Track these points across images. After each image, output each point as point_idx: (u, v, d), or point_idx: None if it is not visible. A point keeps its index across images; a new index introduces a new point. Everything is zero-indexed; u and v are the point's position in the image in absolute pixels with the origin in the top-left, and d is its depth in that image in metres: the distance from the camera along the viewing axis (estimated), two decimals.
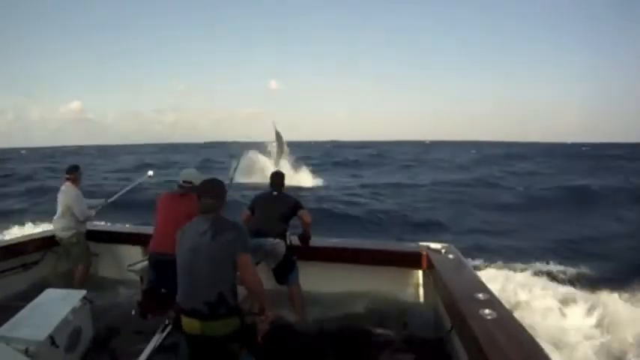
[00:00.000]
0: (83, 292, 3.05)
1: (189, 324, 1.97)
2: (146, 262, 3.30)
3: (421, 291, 3.58)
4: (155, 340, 2.71)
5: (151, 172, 5.00)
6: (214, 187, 2.17)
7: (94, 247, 4.81)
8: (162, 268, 2.86)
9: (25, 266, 4.13)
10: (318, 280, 3.77)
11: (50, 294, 2.96)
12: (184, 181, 3.06)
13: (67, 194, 4.09)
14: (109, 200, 4.62)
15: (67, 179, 4.18)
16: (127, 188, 4.80)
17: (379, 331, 3.23)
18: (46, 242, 4.45)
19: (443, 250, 3.51)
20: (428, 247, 3.60)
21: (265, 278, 2.70)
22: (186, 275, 2.01)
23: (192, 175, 3.12)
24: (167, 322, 2.89)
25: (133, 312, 2.88)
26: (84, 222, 4.21)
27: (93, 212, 4.27)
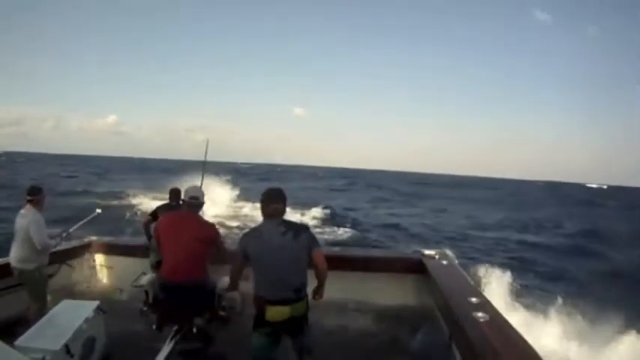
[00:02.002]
0: (97, 303, 3.14)
1: (280, 312, 2.25)
2: (149, 277, 3.38)
3: (417, 296, 3.58)
4: (166, 349, 2.79)
5: (99, 210, 4.76)
6: (281, 194, 2.46)
7: (106, 259, 4.93)
8: (173, 293, 2.87)
9: None
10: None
11: (65, 305, 3.04)
12: (191, 197, 3.01)
13: (26, 219, 3.48)
14: (67, 233, 4.25)
15: (29, 201, 3.55)
16: (80, 224, 4.47)
17: (376, 335, 3.26)
18: (61, 256, 4.57)
19: (437, 256, 3.56)
20: (422, 254, 3.65)
21: None
22: (274, 270, 2.28)
23: (198, 191, 3.13)
24: (181, 329, 2.97)
25: (154, 327, 2.95)
26: (44, 253, 3.61)
27: (53, 242, 3.70)
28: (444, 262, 3.45)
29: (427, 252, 3.69)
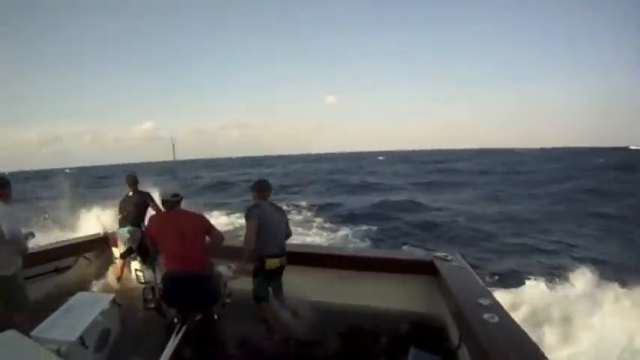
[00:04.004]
0: (112, 296, 3.17)
1: (274, 262, 3.28)
2: (151, 273, 3.53)
3: (428, 298, 3.57)
4: (173, 341, 2.82)
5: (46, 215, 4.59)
6: (269, 185, 3.49)
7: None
8: (184, 285, 2.98)
9: (59, 271, 4.31)
10: (326, 288, 3.83)
11: (81, 297, 3.08)
12: (173, 195, 3.16)
13: (2, 215, 3.03)
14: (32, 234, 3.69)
15: None
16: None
17: (386, 337, 3.24)
18: (78, 249, 4.65)
19: (448, 258, 3.57)
20: (434, 256, 3.65)
21: None
22: (271, 235, 3.28)
23: (176, 189, 3.25)
24: (202, 318, 3.09)
25: (175, 320, 3.02)
26: (19, 252, 3.19)
27: (27, 242, 3.26)
28: (456, 264, 3.45)
29: (439, 254, 3.70)
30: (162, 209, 3.32)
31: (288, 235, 3.53)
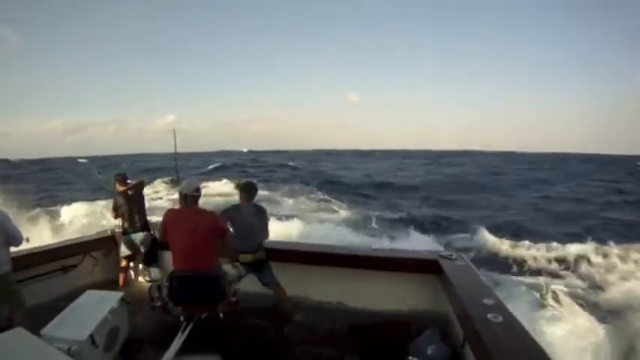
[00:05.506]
0: (121, 294, 3.15)
1: (246, 257, 3.54)
2: (158, 271, 3.58)
3: (432, 297, 3.55)
4: (179, 339, 2.79)
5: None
6: (255, 187, 3.69)
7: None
8: (192, 283, 2.95)
9: (65, 269, 4.26)
10: (328, 286, 3.81)
11: (90, 295, 3.04)
12: (196, 190, 3.09)
13: None
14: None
15: None
16: None
17: (390, 337, 3.22)
18: (85, 247, 4.60)
19: (453, 257, 3.56)
20: (439, 254, 3.63)
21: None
22: (246, 235, 3.52)
23: (198, 183, 3.19)
24: (208, 317, 3.03)
25: (181, 318, 2.98)
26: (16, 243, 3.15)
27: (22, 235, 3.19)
28: (460, 264, 3.44)
29: (443, 253, 3.68)
30: (180, 203, 3.22)
31: (265, 236, 3.66)
